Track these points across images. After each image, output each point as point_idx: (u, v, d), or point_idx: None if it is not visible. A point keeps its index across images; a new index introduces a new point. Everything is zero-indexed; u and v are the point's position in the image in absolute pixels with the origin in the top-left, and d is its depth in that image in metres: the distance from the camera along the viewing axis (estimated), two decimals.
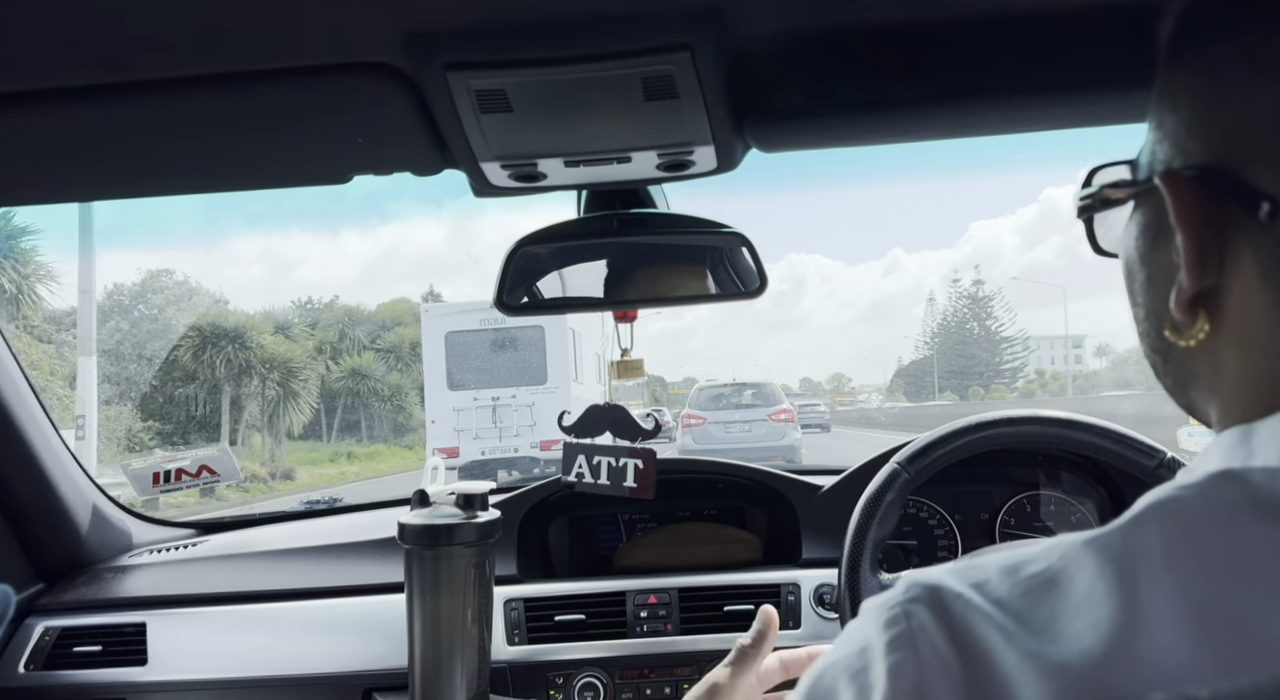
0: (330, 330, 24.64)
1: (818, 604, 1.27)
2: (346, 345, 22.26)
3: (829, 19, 0.67)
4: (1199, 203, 0.40)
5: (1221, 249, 0.40)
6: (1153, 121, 0.44)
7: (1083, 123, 0.79)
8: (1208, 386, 0.44)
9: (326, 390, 20.05)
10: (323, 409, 19.67)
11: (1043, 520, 1.37)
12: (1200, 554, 0.35)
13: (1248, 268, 0.39)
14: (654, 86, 0.71)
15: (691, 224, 0.98)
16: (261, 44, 0.67)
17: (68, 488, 1.37)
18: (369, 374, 20.92)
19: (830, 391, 76.06)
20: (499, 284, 0.98)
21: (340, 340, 23.36)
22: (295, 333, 19.34)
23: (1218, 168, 0.40)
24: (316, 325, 24.53)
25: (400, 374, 21.24)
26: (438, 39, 0.66)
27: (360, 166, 0.87)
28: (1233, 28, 0.40)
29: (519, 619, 1.28)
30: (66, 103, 0.72)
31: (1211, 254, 0.40)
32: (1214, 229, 0.40)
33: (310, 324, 24.23)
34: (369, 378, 20.76)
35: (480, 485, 1.14)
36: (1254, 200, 0.38)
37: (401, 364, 21.53)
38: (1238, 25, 0.39)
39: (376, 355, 21.78)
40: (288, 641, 1.28)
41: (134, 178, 0.89)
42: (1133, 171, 0.47)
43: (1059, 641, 0.35)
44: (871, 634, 0.40)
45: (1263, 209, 0.38)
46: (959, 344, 65.61)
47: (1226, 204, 0.39)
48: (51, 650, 1.29)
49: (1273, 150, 0.38)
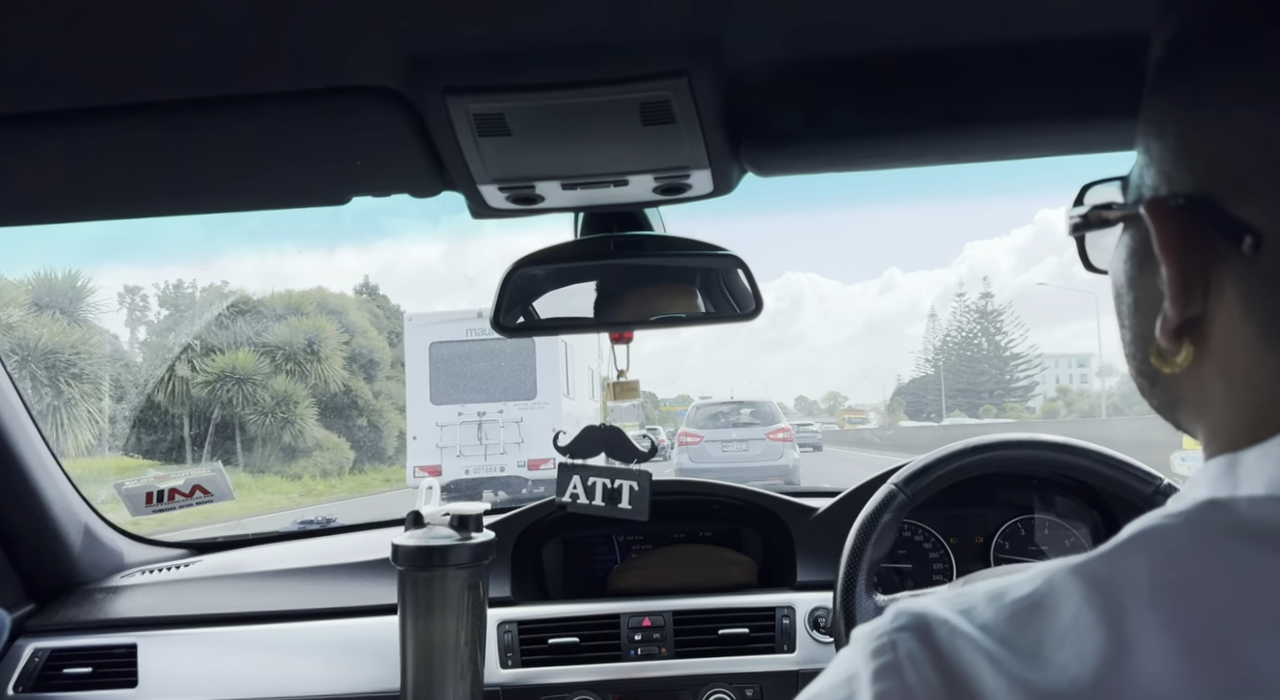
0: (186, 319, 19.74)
1: (813, 627, 1.26)
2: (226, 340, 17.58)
3: (824, 47, 0.69)
4: (1183, 233, 0.41)
5: (1206, 279, 0.40)
6: (1140, 146, 0.45)
7: (1076, 150, 0.80)
8: (1194, 411, 0.44)
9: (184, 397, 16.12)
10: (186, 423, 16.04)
11: (1037, 544, 1.37)
12: (1187, 583, 0.35)
13: (1231, 299, 0.40)
14: (651, 111, 0.72)
15: (687, 246, 0.99)
16: (263, 66, 0.67)
17: (60, 507, 1.36)
18: (246, 378, 16.69)
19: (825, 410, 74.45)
20: (496, 305, 0.98)
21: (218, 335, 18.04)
22: (82, 314, 14.09)
23: (1202, 198, 0.40)
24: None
25: (291, 378, 17.35)
26: (437, 63, 0.67)
27: (359, 188, 0.88)
28: (1219, 57, 0.40)
29: (513, 641, 1.27)
30: (69, 124, 0.72)
31: (1196, 284, 0.41)
32: (1198, 259, 0.40)
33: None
34: (246, 382, 16.62)
35: (475, 506, 1.14)
36: (1238, 232, 0.38)
37: (293, 366, 17.54)
38: (1223, 55, 0.40)
39: (259, 353, 17.28)
40: (280, 663, 1.27)
41: (134, 198, 0.89)
42: (1124, 191, 0.47)
43: (1046, 669, 0.35)
44: (859, 663, 0.40)
45: (1246, 242, 0.38)
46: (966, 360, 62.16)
47: (1211, 235, 0.40)
48: (41, 671, 1.28)
49: (1256, 182, 0.38)
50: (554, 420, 10.15)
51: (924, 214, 48.94)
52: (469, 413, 10.28)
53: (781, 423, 12.17)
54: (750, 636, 1.27)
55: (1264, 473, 0.38)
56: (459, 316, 10.50)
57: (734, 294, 1.05)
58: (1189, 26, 0.42)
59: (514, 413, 10.31)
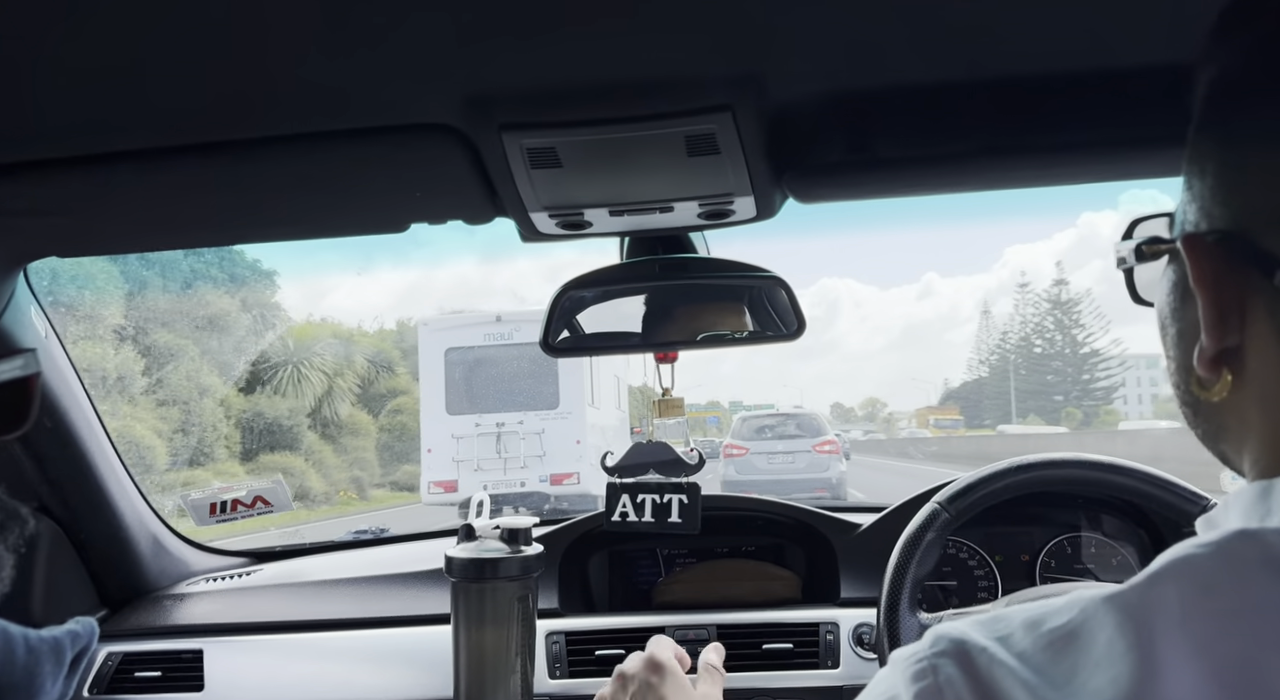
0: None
1: (856, 644, 1.27)
2: None
3: (865, 81, 0.71)
4: (1216, 267, 0.42)
5: (1242, 311, 0.42)
6: (1185, 183, 0.46)
7: (1114, 177, 0.82)
8: (1236, 440, 0.46)
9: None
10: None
11: (1084, 562, 1.36)
12: (1216, 613, 0.36)
13: (1265, 329, 0.41)
14: (697, 144, 0.75)
15: (730, 268, 1.01)
16: (334, 107, 0.72)
17: (131, 517, 1.43)
18: None
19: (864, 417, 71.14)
20: (545, 326, 1.01)
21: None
22: None
23: (1237, 233, 0.42)
24: None
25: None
26: (494, 102, 0.71)
27: (417, 216, 0.92)
28: (1255, 102, 0.42)
29: (560, 652, 1.30)
30: (152, 163, 0.78)
31: (1232, 316, 0.42)
32: (1233, 292, 0.42)
33: None
34: None
35: (525, 520, 1.17)
36: (1270, 266, 0.40)
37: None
38: (1259, 100, 0.41)
39: None
40: (339, 669, 1.32)
41: (208, 229, 0.95)
42: (1170, 226, 0.49)
43: (1080, 695, 0.36)
44: (899, 685, 0.41)
45: (1277, 276, 0.40)
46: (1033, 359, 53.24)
47: (1245, 268, 0.41)
48: (114, 675, 1.34)
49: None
50: (578, 431, 9.65)
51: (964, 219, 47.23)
52: (487, 424, 9.62)
53: (827, 435, 12.08)
54: (794, 652, 1.28)
55: None
56: (476, 321, 9.96)
57: (777, 314, 1.07)
58: (1229, 69, 0.43)
59: (535, 423, 9.63)
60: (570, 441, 9.66)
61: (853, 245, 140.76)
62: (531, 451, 9.63)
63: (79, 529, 1.37)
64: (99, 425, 1.36)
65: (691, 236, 1.04)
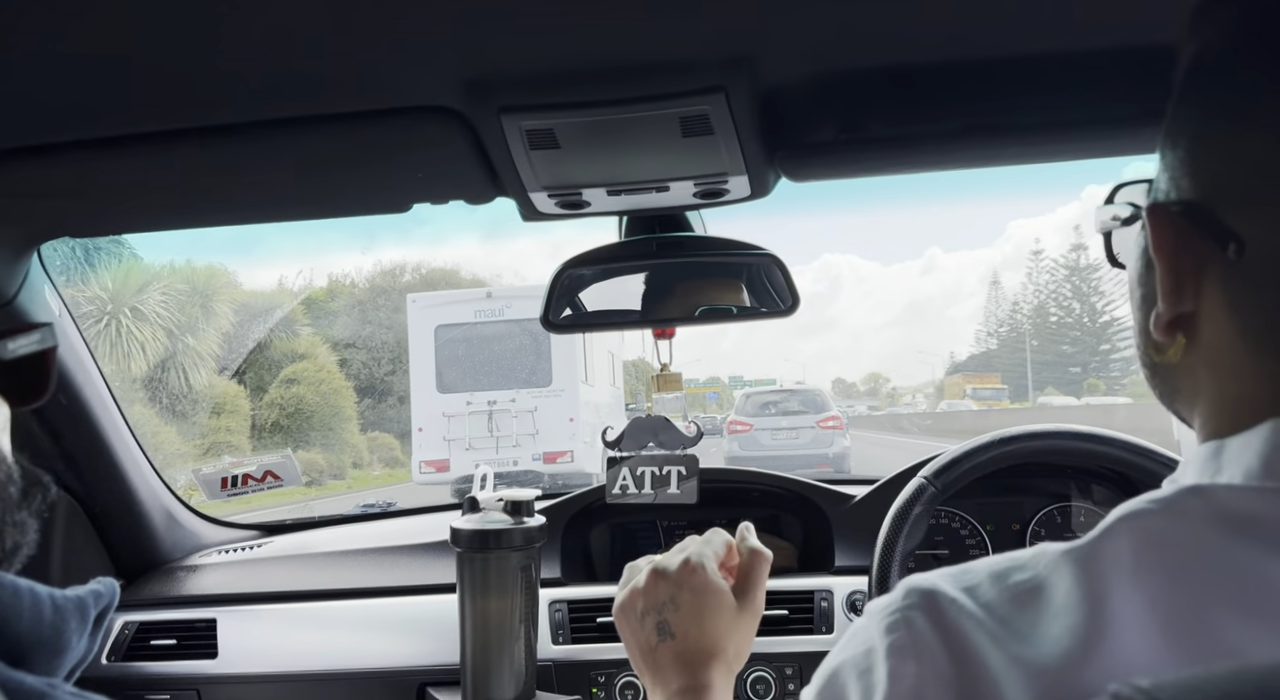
0: None
1: (850, 610, 1.30)
2: None
3: (856, 60, 0.73)
4: (1177, 236, 0.45)
5: (1198, 280, 0.44)
6: (1159, 154, 0.48)
7: (1102, 154, 0.83)
8: (1188, 400, 0.48)
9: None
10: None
11: (1073, 531, 1.39)
12: (1166, 565, 0.38)
13: (1218, 298, 0.44)
14: (691, 124, 0.77)
15: (726, 246, 1.03)
16: (337, 90, 0.74)
17: (145, 492, 1.47)
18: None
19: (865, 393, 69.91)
20: (545, 303, 1.04)
21: None
22: None
23: (1200, 205, 0.44)
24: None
25: None
26: (493, 85, 0.73)
27: (419, 197, 0.95)
28: (1230, 82, 0.43)
29: (563, 620, 1.34)
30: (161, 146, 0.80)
31: (1188, 283, 0.45)
32: (1190, 261, 0.44)
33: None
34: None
35: (527, 492, 1.20)
36: (1226, 238, 0.42)
37: None
38: (1234, 80, 0.43)
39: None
40: (348, 638, 1.36)
41: (216, 209, 0.97)
42: (1149, 194, 0.51)
43: (1041, 645, 0.38)
44: (874, 637, 0.44)
45: (1231, 248, 0.42)
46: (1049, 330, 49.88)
47: (1202, 239, 0.44)
48: (131, 643, 1.39)
49: (1248, 197, 0.42)
50: (571, 409, 9.50)
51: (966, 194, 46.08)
52: (478, 402, 9.44)
53: (831, 411, 12.10)
54: (790, 618, 1.32)
55: (1243, 462, 0.42)
56: (467, 297, 9.78)
57: (774, 289, 1.09)
58: (1209, 45, 0.45)
59: (527, 401, 9.45)
60: (564, 419, 9.52)
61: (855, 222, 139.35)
62: (524, 430, 9.49)
63: (94, 503, 1.40)
64: (112, 402, 1.40)
65: (689, 215, 1.07)
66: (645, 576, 0.81)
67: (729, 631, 0.77)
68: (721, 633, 0.77)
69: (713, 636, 0.77)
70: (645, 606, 0.80)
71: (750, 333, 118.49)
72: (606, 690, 1.28)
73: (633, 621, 0.80)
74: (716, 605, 0.78)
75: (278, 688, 1.33)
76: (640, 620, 0.80)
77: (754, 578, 0.82)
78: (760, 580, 0.82)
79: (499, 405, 9.45)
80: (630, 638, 0.81)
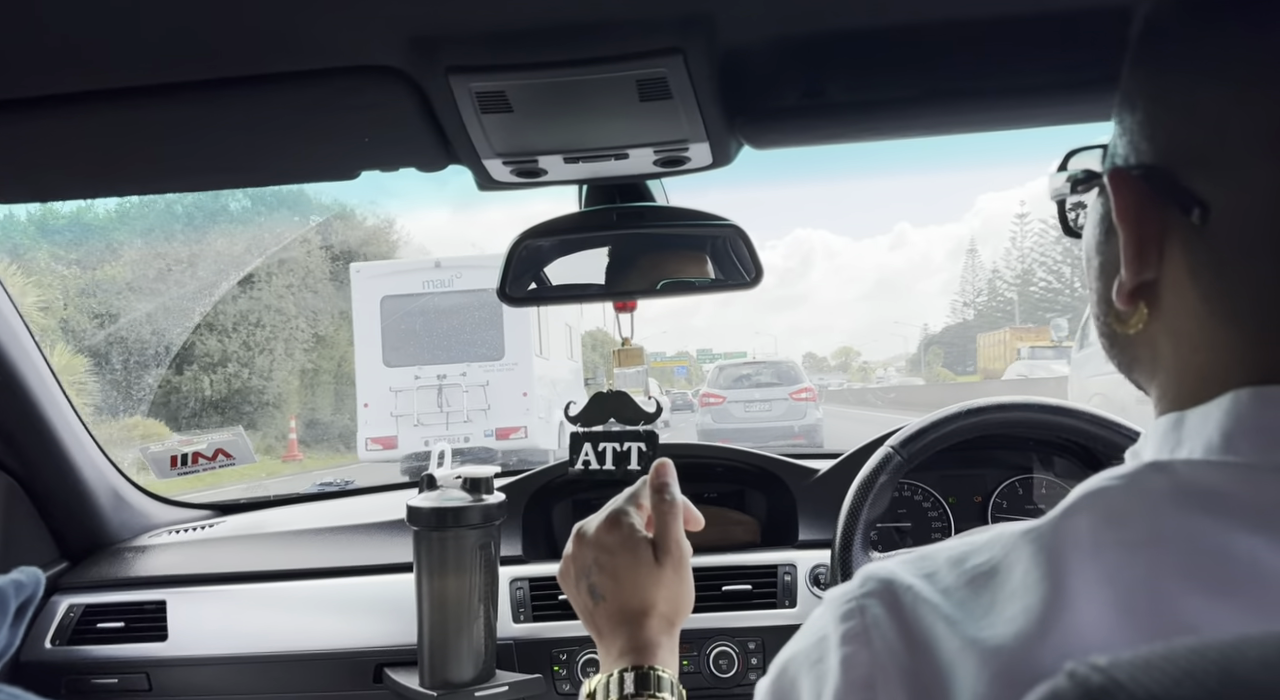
0: None
1: (813, 584, 1.30)
2: None
3: (816, 24, 0.70)
4: (1140, 201, 0.43)
5: (1160, 246, 0.43)
6: (1116, 118, 0.47)
7: (1067, 121, 0.82)
8: (1148, 371, 0.47)
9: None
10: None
11: (1035, 503, 1.40)
12: (1124, 542, 0.37)
13: (1181, 265, 0.42)
14: (649, 88, 0.74)
15: (688, 217, 1.01)
16: (274, 48, 0.70)
17: (90, 471, 1.42)
18: None
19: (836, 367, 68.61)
20: (502, 276, 1.01)
21: None
22: None
23: (1160, 169, 0.42)
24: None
25: None
26: (440, 43, 0.69)
27: (367, 163, 0.90)
28: (1186, 38, 0.42)
29: (524, 597, 1.32)
30: (88, 106, 0.75)
31: (1151, 250, 0.43)
32: (1153, 227, 0.43)
33: None
34: None
35: (486, 469, 1.18)
36: (1188, 203, 0.40)
37: None
38: (1190, 36, 0.41)
39: None
40: (302, 619, 1.33)
41: (155, 176, 0.92)
42: (1103, 159, 0.49)
43: (996, 626, 0.37)
44: (829, 625, 0.43)
45: (1195, 212, 0.40)
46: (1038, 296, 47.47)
47: (1165, 205, 0.42)
48: (76, 626, 1.35)
49: (1209, 158, 0.40)
50: (524, 383, 9.17)
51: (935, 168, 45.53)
52: (427, 376, 9.03)
53: (804, 383, 12.17)
54: (753, 593, 1.31)
55: (1202, 435, 0.41)
56: (414, 267, 9.32)
57: (739, 261, 1.07)
58: (1164, 6, 0.43)
59: (479, 375, 9.07)
60: (517, 394, 9.18)
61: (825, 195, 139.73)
62: (475, 405, 9.12)
63: (35, 482, 1.36)
64: (51, 378, 1.34)
65: (651, 186, 1.04)
66: (571, 541, 0.81)
67: (652, 586, 0.76)
68: (645, 588, 0.76)
69: (637, 593, 0.76)
70: (576, 571, 0.80)
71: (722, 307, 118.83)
72: (568, 668, 1.27)
73: (570, 588, 0.81)
74: (634, 561, 0.77)
75: (230, 670, 1.30)
76: (576, 586, 0.80)
77: (663, 526, 0.80)
78: (669, 528, 0.80)
79: (449, 380, 9.08)
80: (574, 605, 0.81)
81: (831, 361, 76.00)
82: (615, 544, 0.79)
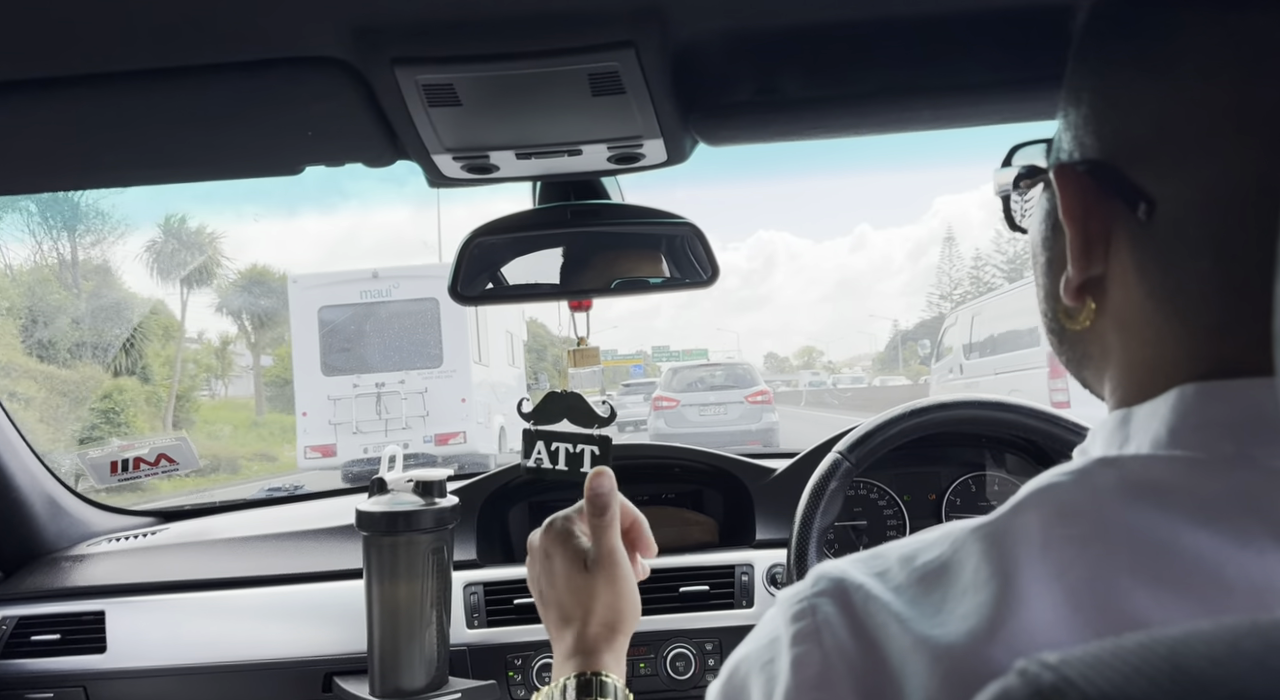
0: None
1: (770, 584, 1.30)
2: None
3: (770, 19, 0.69)
4: (1085, 197, 0.43)
5: (1107, 242, 0.43)
6: (1061, 112, 0.46)
7: (1020, 118, 0.82)
8: (1097, 367, 0.47)
9: None
10: None
11: (988, 500, 1.42)
12: (1074, 538, 0.37)
13: (1126, 260, 0.42)
14: (600, 82, 0.73)
15: (643, 214, 1.00)
16: (211, 38, 0.67)
17: (23, 478, 1.36)
18: None
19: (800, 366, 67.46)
20: (453, 275, 0.99)
21: None
22: None
23: (1105, 164, 0.42)
24: None
25: None
26: (384, 34, 0.67)
27: (312, 158, 0.88)
28: (1129, 31, 0.42)
29: (479, 602, 1.30)
30: (14, 96, 0.72)
31: (1097, 246, 0.43)
32: (1099, 223, 0.43)
33: None
34: None
35: (438, 472, 1.16)
36: (1134, 198, 0.40)
37: None
38: (1133, 29, 0.41)
39: None
40: (248, 628, 1.29)
41: (84, 170, 0.89)
42: (1048, 155, 0.49)
43: (947, 624, 0.37)
44: (780, 626, 0.42)
45: (1140, 207, 0.40)
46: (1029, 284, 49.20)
47: (1111, 200, 0.42)
48: (9, 639, 1.29)
49: (1153, 152, 0.40)
50: (463, 389, 9.38)
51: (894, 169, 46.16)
52: (365, 384, 9.27)
53: (759, 385, 12.12)
54: (710, 593, 1.31)
55: (1150, 431, 0.41)
56: (351, 277, 9.54)
57: (695, 261, 1.07)
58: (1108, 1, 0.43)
59: (417, 382, 9.36)
60: (455, 400, 9.40)
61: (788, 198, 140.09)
62: (414, 411, 9.38)
63: None
64: None
65: (607, 184, 1.03)
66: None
67: (582, 590, 0.78)
68: (577, 593, 0.78)
69: (570, 597, 0.78)
70: (531, 578, 0.83)
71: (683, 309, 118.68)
72: (523, 673, 1.25)
73: (534, 595, 0.83)
74: (566, 567, 0.80)
75: (172, 682, 1.26)
76: (534, 592, 0.83)
77: (595, 537, 0.81)
78: (601, 538, 0.81)
79: (387, 387, 9.33)
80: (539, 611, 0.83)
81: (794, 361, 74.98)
82: (551, 547, 0.81)
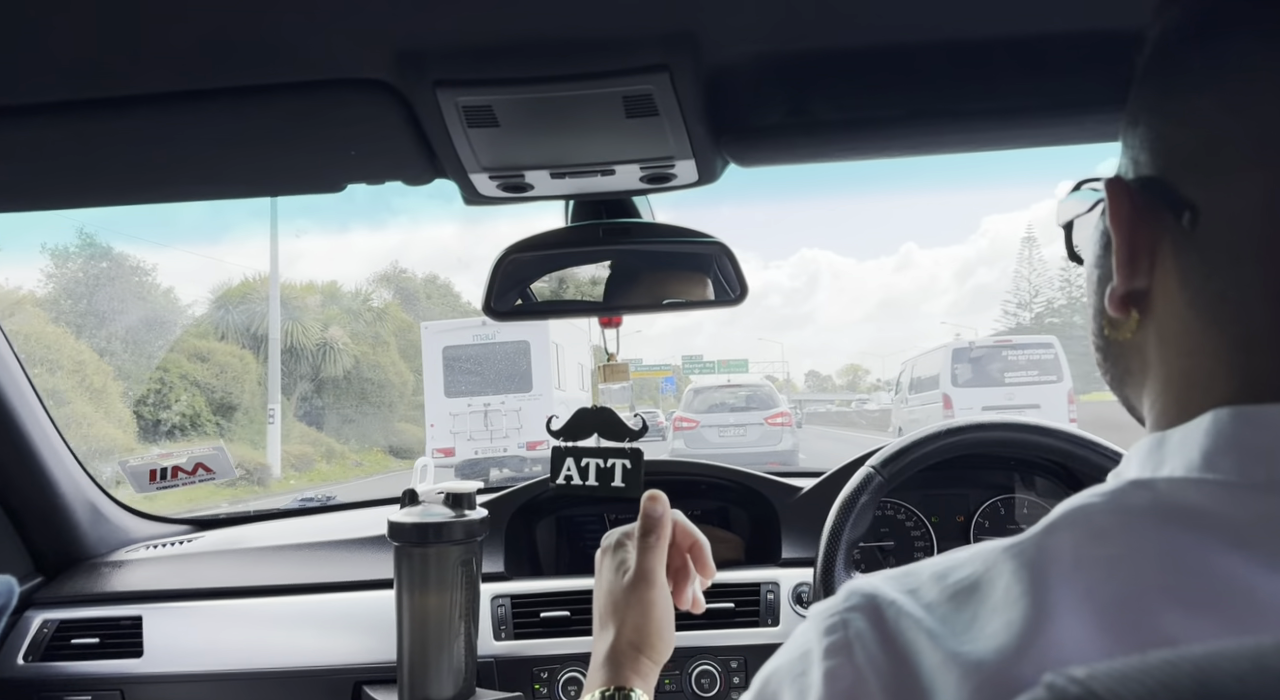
0: None
1: (796, 602, 1.30)
2: None
3: (802, 42, 0.71)
4: (1133, 207, 0.44)
5: (1153, 253, 0.44)
6: (1122, 138, 0.48)
7: (1055, 142, 0.83)
8: (1137, 383, 0.48)
9: None
10: None
11: (1017, 523, 1.41)
12: (1106, 558, 0.38)
13: (1171, 271, 0.43)
14: (635, 104, 0.74)
15: (674, 233, 1.01)
16: (262, 60, 0.70)
17: (67, 485, 1.40)
18: None
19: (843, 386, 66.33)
20: (487, 290, 1.01)
21: None
22: None
23: (1155, 178, 0.43)
24: None
25: None
26: (427, 58, 0.69)
27: (353, 176, 0.90)
28: (1189, 52, 0.43)
29: (505, 615, 1.31)
30: (76, 114, 0.75)
31: (1143, 256, 0.44)
32: (1146, 234, 0.44)
33: None
34: None
35: (468, 485, 1.17)
36: (1180, 208, 0.41)
37: None
38: (1193, 49, 0.43)
39: None
40: (280, 636, 1.31)
41: (138, 186, 0.92)
42: None
43: (977, 641, 0.37)
44: (812, 640, 0.43)
45: (1185, 216, 0.41)
46: None
47: (1158, 210, 0.43)
48: (50, 642, 1.32)
49: (1201, 162, 0.41)
50: (548, 408, 11.89)
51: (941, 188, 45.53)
52: (476, 404, 12.50)
53: (780, 407, 12.06)
54: (735, 611, 1.31)
55: (1184, 454, 0.41)
56: (467, 325, 12.86)
57: (724, 280, 1.07)
58: (1170, 26, 0.44)
59: (514, 403, 12.47)
60: (542, 417, 10.93)
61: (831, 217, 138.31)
62: (511, 425, 12.48)
63: (10, 495, 1.34)
64: (30, 391, 1.33)
65: (637, 202, 1.04)
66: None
67: (617, 604, 0.81)
68: (613, 606, 0.82)
69: (607, 604, 0.82)
70: (595, 574, 0.88)
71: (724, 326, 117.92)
72: (549, 686, 1.26)
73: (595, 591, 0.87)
74: (610, 576, 0.84)
75: (207, 687, 1.28)
76: (595, 589, 0.87)
77: (640, 557, 0.84)
78: (644, 559, 0.84)
79: (492, 406, 12.51)
80: None
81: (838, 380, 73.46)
82: (606, 552, 0.87)
